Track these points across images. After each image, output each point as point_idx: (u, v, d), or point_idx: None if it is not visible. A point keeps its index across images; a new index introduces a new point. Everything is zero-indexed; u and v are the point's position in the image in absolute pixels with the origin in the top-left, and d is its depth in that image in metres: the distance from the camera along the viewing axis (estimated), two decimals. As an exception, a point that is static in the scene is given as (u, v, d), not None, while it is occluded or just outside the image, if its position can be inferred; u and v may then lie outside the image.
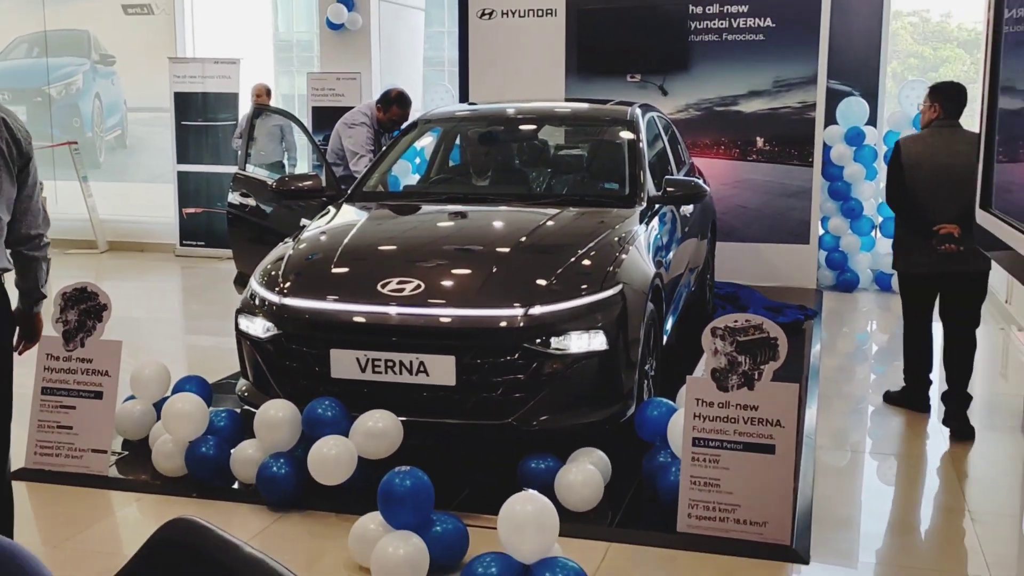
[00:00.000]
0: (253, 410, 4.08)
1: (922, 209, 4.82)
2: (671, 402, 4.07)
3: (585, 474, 3.78)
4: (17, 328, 3.34)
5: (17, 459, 4.32)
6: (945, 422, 4.89)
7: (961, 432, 4.81)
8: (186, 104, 10.47)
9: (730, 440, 3.51)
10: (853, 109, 8.38)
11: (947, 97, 4.89)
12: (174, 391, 4.51)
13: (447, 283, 4.15)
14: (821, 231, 8.47)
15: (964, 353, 4.91)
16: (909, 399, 5.19)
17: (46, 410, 4.29)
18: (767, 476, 3.48)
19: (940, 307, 5.01)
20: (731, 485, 3.51)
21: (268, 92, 9.85)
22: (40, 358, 4.30)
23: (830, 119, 8.34)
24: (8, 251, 3.21)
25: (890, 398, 5.31)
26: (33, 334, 3.45)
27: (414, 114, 6.86)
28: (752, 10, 8.08)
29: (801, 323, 6.88)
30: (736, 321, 3.53)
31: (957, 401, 4.86)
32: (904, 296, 5.17)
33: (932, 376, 5.19)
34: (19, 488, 4.14)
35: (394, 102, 6.92)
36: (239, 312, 4.37)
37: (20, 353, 3.44)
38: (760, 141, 8.24)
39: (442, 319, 3.98)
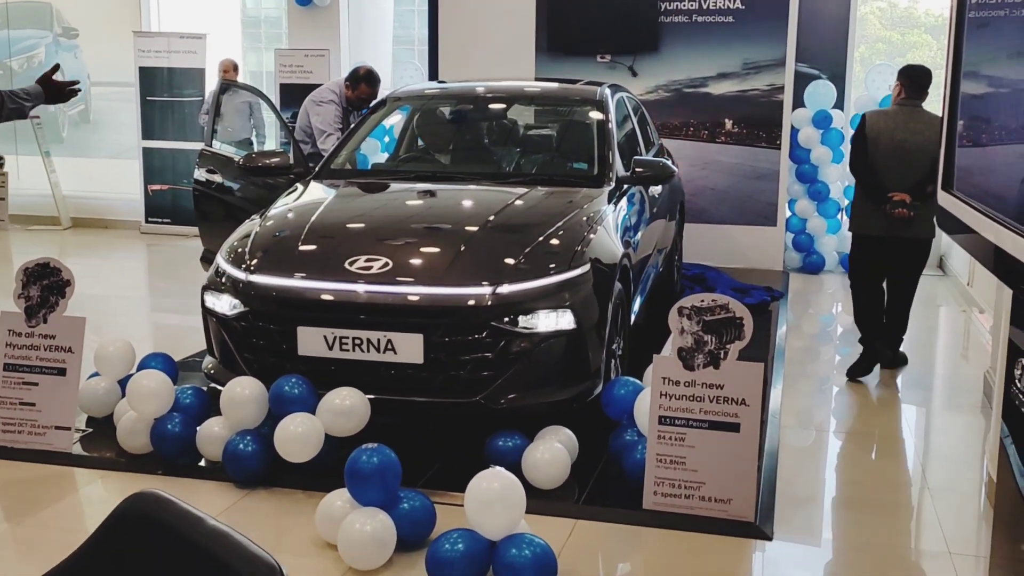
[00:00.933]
0: (219, 388, 4.06)
1: (879, 177, 5.27)
2: (638, 381, 4.10)
3: (552, 452, 3.80)
4: None
5: (-22, 436, 4.28)
6: (881, 361, 5.50)
7: (894, 361, 5.55)
8: (151, 79, 10.32)
9: (696, 419, 3.54)
10: (820, 92, 8.43)
11: (910, 78, 5.34)
12: (139, 368, 4.48)
13: (415, 261, 4.14)
14: (788, 213, 8.54)
15: (903, 308, 5.48)
16: (867, 366, 5.47)
17: (8, 386, 4.24)
18: (732, 454, 3.52)
19: (886, 270, 5.46)
20: (696, 463, 3.55)
21: (236, 68, 9.73)
22: (1, 334, 4.25)
23: (798, 102, 8.39)
24: None
25: (853, 372, 5.45)
26: None
27: (383, 92, 6.81)
28: (723, -9, 8.09)
29: (767, 304, 6.94)
30: (703, 301, 3.56)
31: (893, 338, 5.52)
32: (854, 256, 5.58)
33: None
34: (-20, 465, 4.10)
35: (362, 80, 6.87)
36: (205, 289, 4.34)
37: None
38: (729, 123, 8.27)
39: (410, 297, 3.97)
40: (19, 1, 11.43)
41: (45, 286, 4.25)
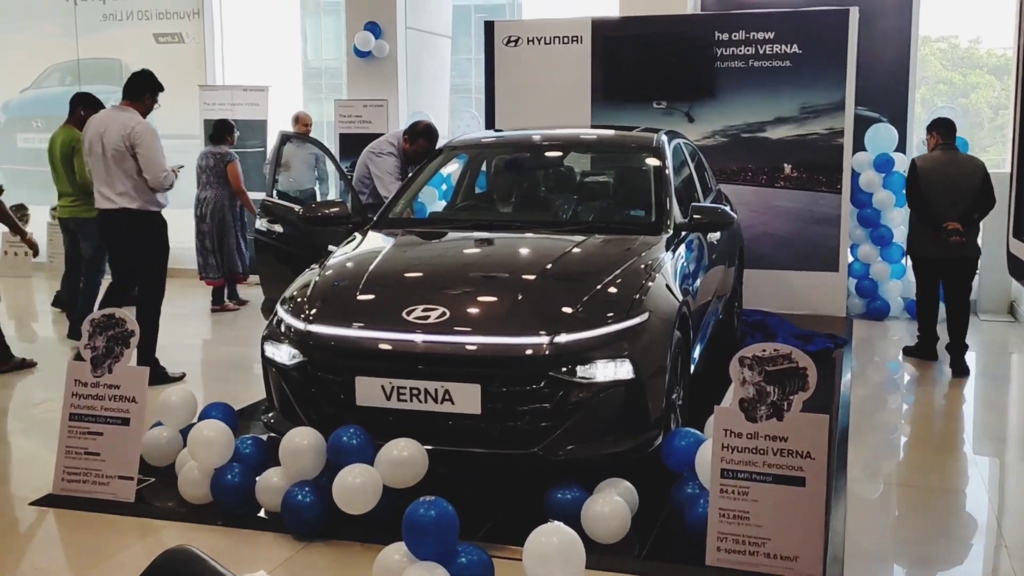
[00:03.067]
0: (278, 437, 4.07)
1: (934, 209, 6.44)
2: (699, 432, 4.02)
3: (612, 505, 3.73)
4: None
5: (45, 485, 4.36)
6: (951, 365, 6.57)
7: (959, 371, 6.53)
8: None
9: (759, 472, 3.46)
10: (882, 135, 8.32)
11: (944, 127, 6.70)
12: (200, 418, 4.51)
13: (473, 310, 4.13)
14: (850, 258, 8.40)
15: (961, 315, 6.60)
16: (923, 350, 6.87)
17: (74, 436, 4.30)
18: (797, 509, 3.42)
19: (943, 284, 6.68)
20: (761, 518, 3.45)
21: (305, 120, 9.89)
22: (68, 384, 4.33)
23: (858, 146, 8.28)
24: None
25: (908, 351, 6.98)
26: None
27: (440, 141, 6.88)
28: (779, 36, 8.07)
29: (831, 352, 6.81)
30: (764, 350, 3.49)
31: (956, 348, 6.58)
32: (917, 274, 6.90)
33: (932, 334, 6.86)
34: (46, 514, 4.16)
35: (421, 134, 6.94)
36: (265, 338, 4.37)
37: None
38: (788, 168, 8.19)
39: (467, 347, 3.96)
40: (90, 58, 11.83)
41: (110, 337, 4.32)
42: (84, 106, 7.50)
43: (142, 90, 6.23)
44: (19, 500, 4.29)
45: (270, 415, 4.39)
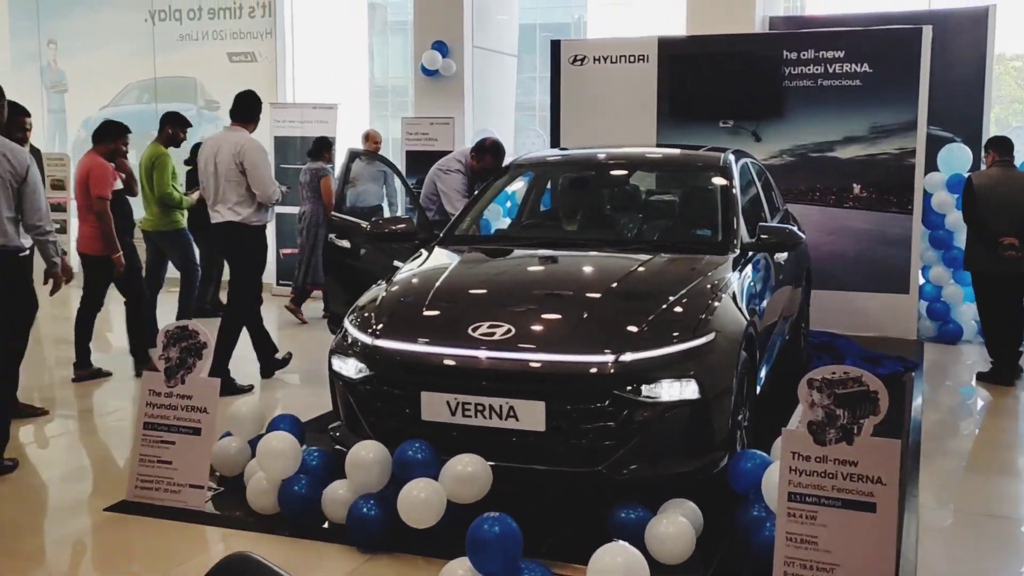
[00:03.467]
0: (344, 450, 4.12)
1: (990, 225, 6.63)
2: (765, 454, 3.98)
3: (676, 526, 3.70)
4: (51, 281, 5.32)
5: (118, 492, 4.46)
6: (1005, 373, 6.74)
7: (1014, 371, 6.76)
8: (285, 148, 10.78)
9: (828, 496, 3.40)
10: (955, 155, 8.15)
11: (1001, 146, 6.90)
12: (268, 429, 4.59)
13: (538, 328, 4.14)
14: (921, 280, 8.23)
15: (1017, 326, 6.82)
16: (998, 375, 6.77)
17: (147, 444, 4.41)
18: (868, 535, 3.35)
19: (998, 299, 6.76)
20: (829, 543, 3.39)
21: (375, 138, 10.03)
22: (143, 393, 4.44)
23: (931, 166, 8.13)
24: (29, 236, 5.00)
25: (982, 376, 6.87)
26: (56, 284, 5.37)
27: (506, 159, 6.92)
28: (849, 55, 7.97)
29: (901, 375, 6.67)
30: (834, 373, 3.44)
31: (1012, 353, 6.78)
32: (976, 289, 6.96)
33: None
34: (119, 520, 4.26)
35: (488, 151, 7.00)
36: (332, 352, 4.44)
37: (51, 295, 5.41)
38: (857, 188, 8.08)
39: (532, 364, 3.97)
40: (167, 76, 12.16)
41: (184, 348, 4.42)
42: (172, 124, 7.74)
43: (250, 110, 6.61)
44: (94, 506, 4.40)
45: (336, 428, 4.45)
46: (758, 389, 4.82)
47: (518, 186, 7.25)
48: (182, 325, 4.47)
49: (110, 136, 7.01)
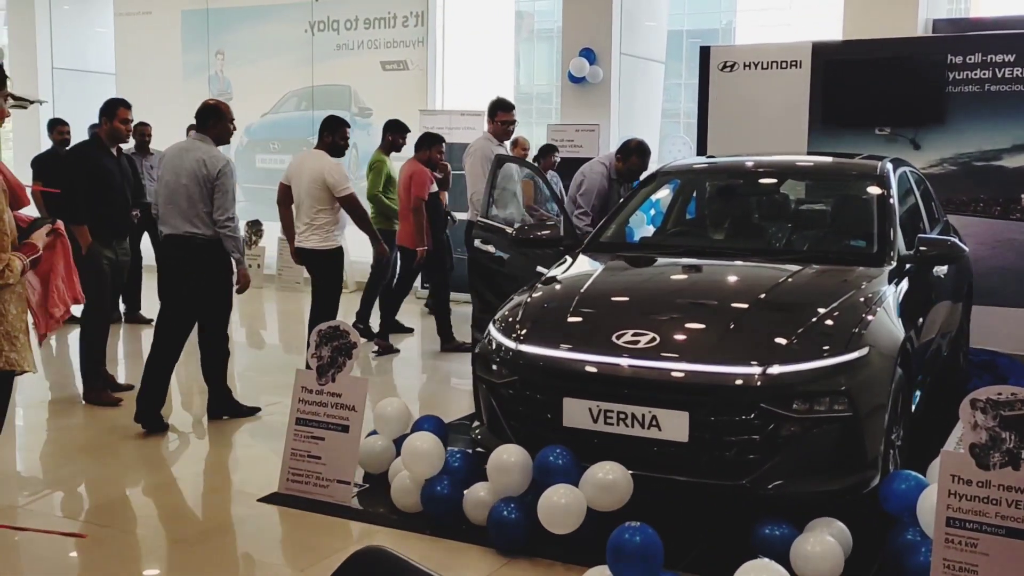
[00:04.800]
0: (486, 452, 4.17)
1: None
2: (921, 476, 3.81)
3: (824, 545, 3.58)
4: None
5: (270, 484, 4.65)
6: None
7: None
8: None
9: (990, 523, 3.22)
10: None
11: None
12: (413, 429, 4.69)
13: (682, 337, 4.09)
14: (1094, 297, 7.70)
15: None
16: None
17: (299, 439, 4.58)
18: (1033, 566, 3.16)
19: None
20: (990, 572, 3.21)
21: (524, 144, 10.12)
22: (296, 390, 4.61)
23: (1110, 175, 7.60)
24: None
25: None
26: (241, 281, 5.85)
27: (653, 165, 6.88)
28: (1020, 59, 7.53)
29: (1071, 398, 6.26)
30: (1000, 393, 3.26)
31: None
32: None
33: None
34: (271, 511, 4.44)
35: (633, 152, 6.98)
36: (476, 356, 4.50)
37: (239, 292, 5.89)
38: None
39: (675, 373, 3.92)
40: (323, 85, 12.63)
41: (335, 347, 4.57)
42: (392, 132, 8.36)
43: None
44: (249, 496, 4.60)
45: (478, 430, 4.51)
46: (913, 408, 4.61)
47: (663, 194, 7.19)
48: (334, 325, 4.62)
49: (426, 145, 8.05)
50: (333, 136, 6.74)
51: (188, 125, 7.41)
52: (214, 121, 5.73)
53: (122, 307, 8.97)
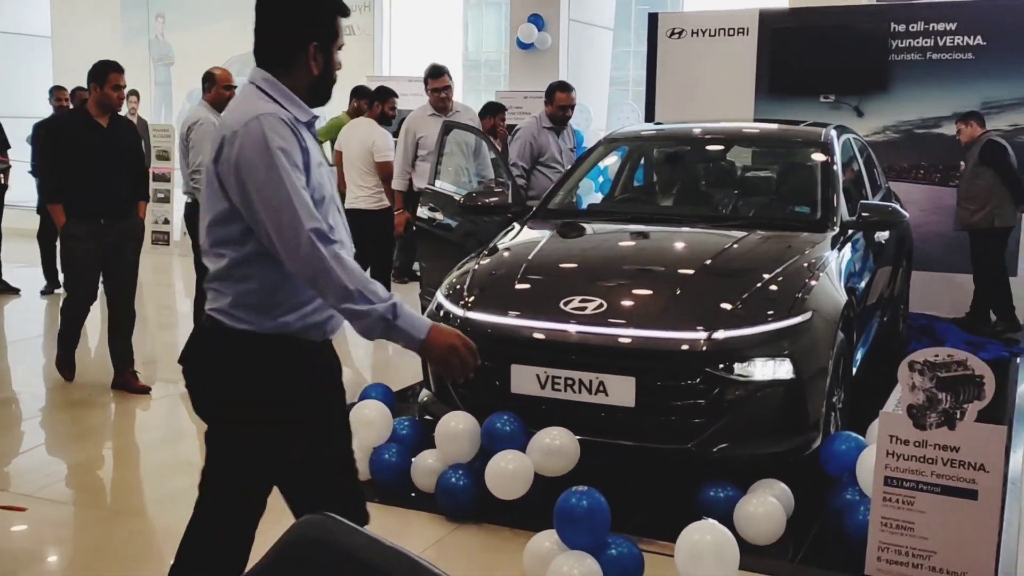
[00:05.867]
0: (434, 420, 4.17)
1: None
2: (860, 437, 3.89)
3: (766, 506, 3.65)
4: None
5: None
6: None
7: None
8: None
9: (927, 482, 3.30)
10: (1072, 132, 7.77)
11: None
12: (360, 398, 4.67)
13: (629, 303, 4.12)
14: (1029, 263, 7.89)
15: None
16: None
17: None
18: (967, 523, 3.25)
19: None
20: (926, 530, 3.30)
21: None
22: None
23: (1046, 143, 7.77)
24: None
25: None
26: None
27: (598, 133, 6.87)
28: (961, 27, 7.64)
29: (1006, 360, 6.43)
30: (937, 356, 3.33)
31: None
32: None
33: None
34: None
35: (556, 89, 6.99)
36: (424, 323, 4.47)
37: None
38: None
39: (623, 339, 3.95)
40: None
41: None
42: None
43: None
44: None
45: (426, 398, 4.51)
46: (854, 371, 4.70)
47: (611, 161, 7.20)
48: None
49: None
50: (383, 106, 7.37)
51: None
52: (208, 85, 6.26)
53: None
